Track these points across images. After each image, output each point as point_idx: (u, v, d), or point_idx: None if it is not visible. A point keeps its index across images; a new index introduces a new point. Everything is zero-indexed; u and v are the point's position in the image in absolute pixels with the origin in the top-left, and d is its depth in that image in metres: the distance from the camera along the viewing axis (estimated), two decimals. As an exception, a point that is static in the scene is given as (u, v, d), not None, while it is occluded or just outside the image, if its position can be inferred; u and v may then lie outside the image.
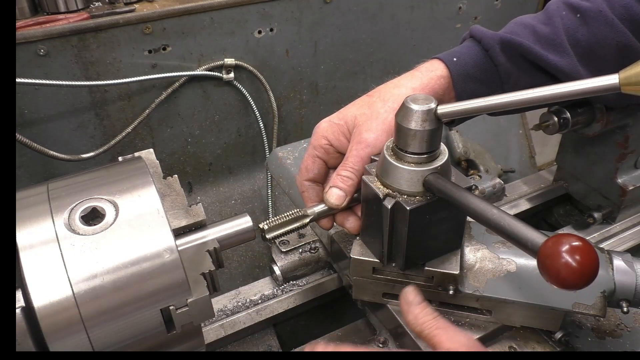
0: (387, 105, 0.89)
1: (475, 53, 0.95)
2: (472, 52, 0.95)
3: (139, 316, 0.65)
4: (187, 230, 0.76)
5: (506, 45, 0.93)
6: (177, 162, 1.81)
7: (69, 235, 0.64)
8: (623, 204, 1.39)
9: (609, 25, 0.91)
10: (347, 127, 0.90)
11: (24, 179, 1.55)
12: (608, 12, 0.91)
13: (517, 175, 2.03)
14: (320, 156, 0.92)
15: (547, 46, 0.92)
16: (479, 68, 0.94)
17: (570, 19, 0.94)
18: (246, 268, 1.82)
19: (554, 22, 0.94)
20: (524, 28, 0.95)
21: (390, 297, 0.96)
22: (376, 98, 0.91)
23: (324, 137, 0.92)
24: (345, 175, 0.87)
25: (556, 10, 0.96)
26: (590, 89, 0.64)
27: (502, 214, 0.66)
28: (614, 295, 0.86)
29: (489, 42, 0.94)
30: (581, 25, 0.93)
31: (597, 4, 0.93)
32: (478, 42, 0.96)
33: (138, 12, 1.52)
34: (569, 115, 1.25)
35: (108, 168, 0.75)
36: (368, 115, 0.89)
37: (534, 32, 0.94)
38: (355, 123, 0.89)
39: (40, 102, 1.50)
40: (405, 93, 0.85)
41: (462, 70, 0.93)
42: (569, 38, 0.93)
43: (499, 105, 0.71)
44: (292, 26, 1.77)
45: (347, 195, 0.87)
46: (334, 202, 0.87)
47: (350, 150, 0.88)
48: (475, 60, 0.94)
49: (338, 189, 0.87)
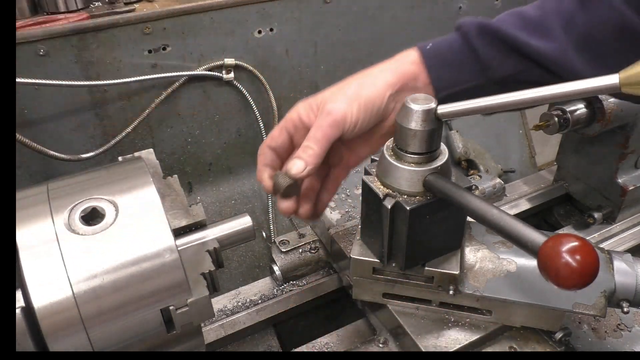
0: (354, 82, 0.90)
1: (451, 39, 0.94)
2: (449, 38, 0.94)
3: (139, 316, 0.65)
4: (187, 230, 0.76)
5: (482, 30, 0.91)
6: (177, 162, 1.81)
7: (69, 235, 0.64)
8: (623, 204, 1.39)
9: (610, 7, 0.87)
10: (317, 105, 0.91)
11: (24, 179, 1.55)
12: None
13: (517, 175, 2.03)
14: (288, 128, 0.92)
15: (532, 31, 0.89)
16: (455, 53, 0.92)
17: (567, 2, 0.90)
18: (246, 268, 1.81)
19: (545, 6, 0.91)
20: (512, 14, 0.93)
21: (390, 297, 0.96)
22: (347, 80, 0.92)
23: (296, 111, 0.92)
24: (305, 144, 0.86)
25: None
26: (590, 89, 0.64)
27: (502, 214, 0.66)
28: (614, 295, 0.86)
29: (466, 27, 0.93)
30: (580, 8, 0.89)
31: None
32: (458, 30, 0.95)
33: (138, 12, 1.52)
34: (569, 115, 1.25)
35: (108, 168, 0.75)
36: (335, 91, 0.90)
37: (522, 18, 0.92)
38: (323, 99, 0.90)
39: (40, 102, 1.50)
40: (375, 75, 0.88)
41: (436, 56, 0.92)
42: (564, 22, 0.89)
43: (499, 105, 0.71)
44: (292, 26, 1.77)
45: (306, 164, 0.85)
46: (293, 171, 0.85)
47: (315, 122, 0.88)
48: (451, 46, 0.93)
49: (298, 159, 0.86)
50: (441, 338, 0.91)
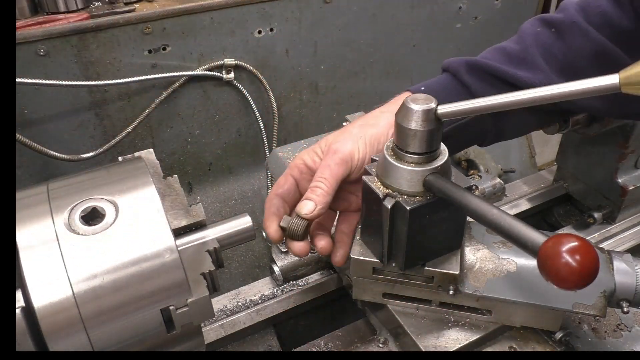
0: (357, 123, 0.93)
1: (443, 79, 0.99)
2: (441, 79, 0.99)
3: (139, 316, 0.65)
4: (187, 230, 0.76)
5: (472, 67, 0.96)
6: (177, 162, 1.81)
7: (69, 235, 0.64)
8: (623, 204, 1.39)
9: (584, 35, 0.93)
10: (322, 149, 0.93)
11: (24, 179, 1.55)
12: (582, 22, 0.93)
13: (517, 175, 2.03)
14: (293, 175, 0.94)
15: (517, 64, 0.94)
16: (449, 91, 0.96)
17: (545, 34, 0.96)
18: (246, 268, 1.82)
19: (524, 41, 0.96)
20: (494, 50, 0.99)
21: (390, 297, 0.96)
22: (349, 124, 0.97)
23: (300, 158, 0.95)
24: (314, 185, 0.88)
25: (530, 29, 0.98)
26: (590, 89, 0.64)
27: (502, 214, 0.66)
28: (614, 295, 0.86)
29: (455, 66, 0.97)
30: (557, 39, 0.95)
31: (571, 16, 0.94)
32: (447, 71, 1.00)
33: (138, 12, 1.52)
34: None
35: (108, 168, 0.75)
36: (338, 134, 0.93)
37: (504, 53, 0.97)
38: (327, 143, 0.93)
39: (40, 102, 1.50)
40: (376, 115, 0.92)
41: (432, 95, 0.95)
42: (544, 53, 0.94)
43: (499, 105, 0.71)
44: (292, 26, 1.77)
45: (316, 204, 0.87)
46: (304, 212, 0.87)
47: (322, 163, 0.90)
48: (444, 86, 0.97)
49: (307, 199, 0.88)
50: (441, 338, 0.91)
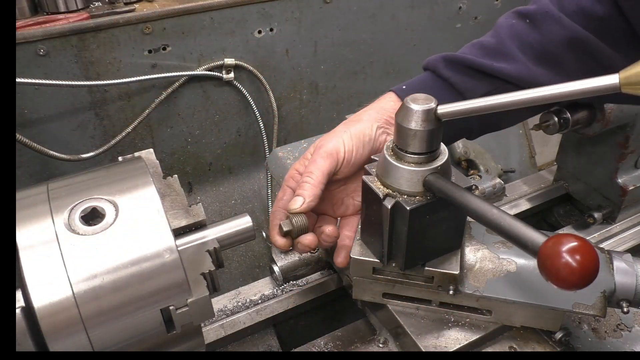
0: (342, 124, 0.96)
1: (423, 77, 1.02)
2: (421, 77, 1.02)
3: (139, 316, 0.65)
4: (187, 230, 0.76)
5: (450, 61, 0.99)
6: (177, 162, 1.81)
7: (69, 235, 0.64)
8: (623, 204, 1.39)
9: (557, 23, 0.95)
10: (311, 154, 0.95)
11: (24, 179, 1.55)
12: (555, 11, 0.95)
13: (517, 175, 2.03)
14: (290, 186, 0.97)
15: (494, 56, 0.97)
16: (429, 88, 0.98)
17: (520, 25, 0.99)
18: (246, 268, 1.82)
19: (500, 34, 0.99)
20: (471, 45, 1.02)
21: (390, 297, 0.96)
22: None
23: (294, 168, 0.97)
24: (301, 181, 0.91)
25: (505, 22, 1.01)
26: (590, 89, 0.63)
27: (502, 214, 0.66)
28: (614, 295, 0.86)
29: (433, 63, 1.00)
30: (531, 29, 0.97)
31: (544, 5, 0.97)
32: (427, 69, 1.03)
33: (138, 12, 1.52)
34: (569, 115, 1.25)
35: (108, 168, 0.75)
36: (324, 136, 0.95)
37: (481, 47, 1.00)
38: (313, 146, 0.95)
39: (40, 102, 1.50)
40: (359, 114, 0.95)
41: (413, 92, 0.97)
42: (520, 44, 0.97)
43: (499, 105, 0.71)
44: (292, 26, 1.77)
45: (304, 198, 0.89)
46: (292, 206, 0.89)
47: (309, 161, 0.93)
48: (425, 82, 1.00)
49: (297, 196, 0.90)
50: (441, 338, 0.91)
